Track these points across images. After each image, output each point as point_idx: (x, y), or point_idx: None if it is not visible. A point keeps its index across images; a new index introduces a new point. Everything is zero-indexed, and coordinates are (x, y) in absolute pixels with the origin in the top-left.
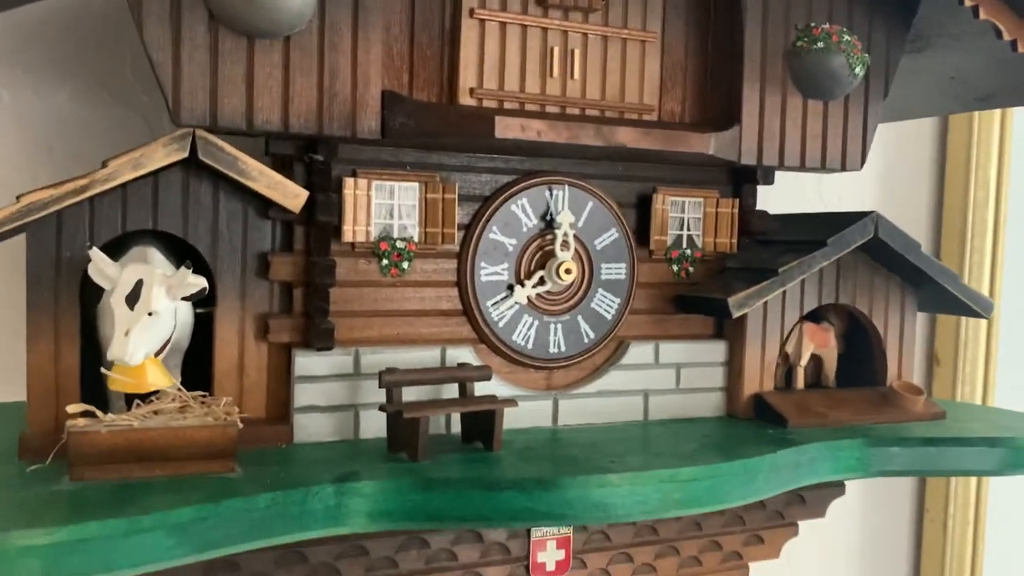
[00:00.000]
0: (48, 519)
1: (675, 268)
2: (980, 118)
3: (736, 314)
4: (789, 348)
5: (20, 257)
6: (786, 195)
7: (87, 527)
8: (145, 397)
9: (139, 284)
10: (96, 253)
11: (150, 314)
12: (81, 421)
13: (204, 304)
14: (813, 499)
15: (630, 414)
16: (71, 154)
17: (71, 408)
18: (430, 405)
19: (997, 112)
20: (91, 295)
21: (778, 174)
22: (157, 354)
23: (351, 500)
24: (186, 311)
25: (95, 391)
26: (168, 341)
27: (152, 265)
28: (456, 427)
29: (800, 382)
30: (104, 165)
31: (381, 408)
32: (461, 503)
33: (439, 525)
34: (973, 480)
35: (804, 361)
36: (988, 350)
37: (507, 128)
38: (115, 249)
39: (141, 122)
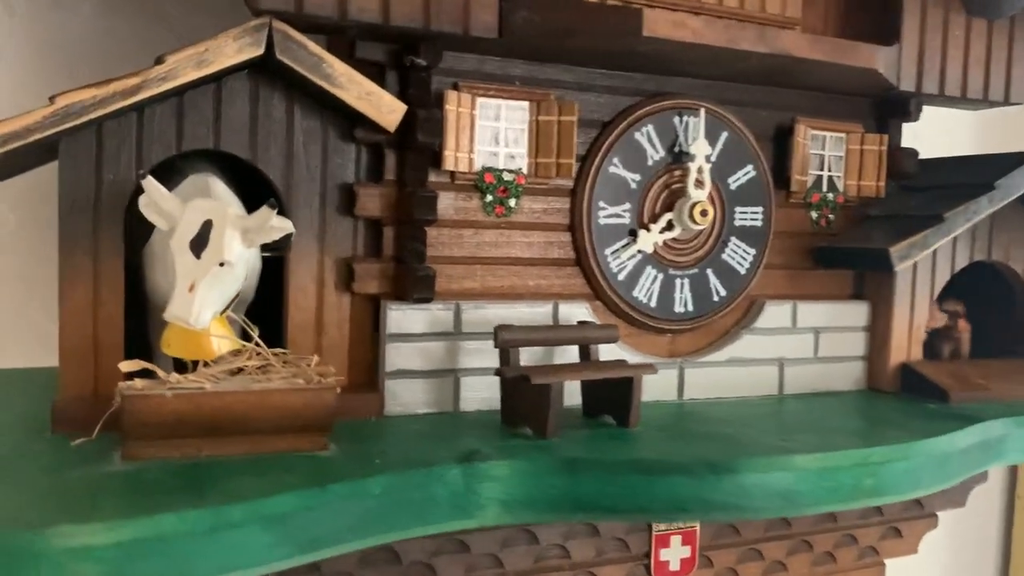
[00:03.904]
0: (107, 510)
1: (814, 215)
2: None
3: (899, 267)
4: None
5: (33, 192)
6: None
7: (161, 520)
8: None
9: (207, 225)
10: (151, 183)
11: (221, 264)
12: (138, 382)
13: (274, 246)
14: (954, 486)
15: (763, 387)
16: (96, 78)
17: (125, 366)
18: (559, 370)
19: None
20: (136, 230)
21: None
22: (222, 312)
23: (481, 485)
24: (254, 254)
25: (140, 349)
26: (236, 296)
27: (220, 201)
28: (571, 399)
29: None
30: (160, 61)
31: (497, 372)
32: (615, 490)
33: (587, 517)
34: None
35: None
36: None
37: (657, 25)
38: (163, 176)
39: (175, 41)
